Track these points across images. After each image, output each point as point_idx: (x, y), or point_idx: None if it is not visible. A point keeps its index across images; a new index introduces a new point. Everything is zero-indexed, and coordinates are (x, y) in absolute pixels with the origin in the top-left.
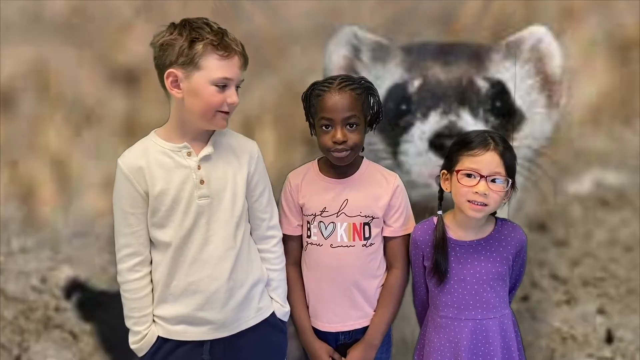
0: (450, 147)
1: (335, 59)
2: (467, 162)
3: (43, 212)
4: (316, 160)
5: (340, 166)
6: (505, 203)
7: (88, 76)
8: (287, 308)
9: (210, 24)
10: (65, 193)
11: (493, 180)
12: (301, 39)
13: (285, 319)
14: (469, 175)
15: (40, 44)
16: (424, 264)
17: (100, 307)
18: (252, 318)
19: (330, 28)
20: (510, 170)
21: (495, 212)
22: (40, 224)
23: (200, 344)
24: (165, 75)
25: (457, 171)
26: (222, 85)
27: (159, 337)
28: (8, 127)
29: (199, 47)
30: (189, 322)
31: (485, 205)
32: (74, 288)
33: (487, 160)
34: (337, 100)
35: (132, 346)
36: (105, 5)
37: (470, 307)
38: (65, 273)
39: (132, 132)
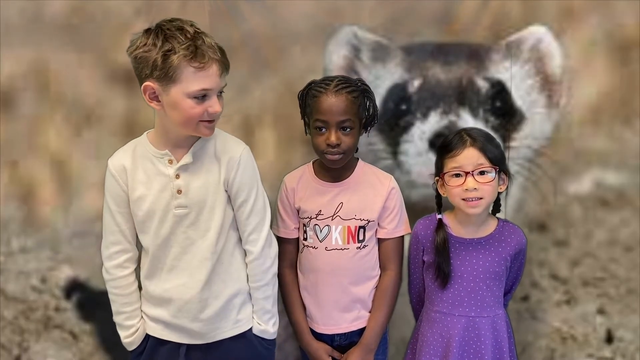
0: (436, 153)
1: (335, 59)
2: (450, 164)
3: (43, 212)
4: (311, 162)
5: (335, 169)
6: (502, 192)
7: (88, 76)
8: (264, 326)
9: (186, 29)
10: (65, 193)
11: (481, 173)
12: (301, 39)
13: (265, 336)
14: (456, 175)
15: (40, 44)
16: (423, 258)
17: (100, 307)
18: (229, 329)
19: (330, 28)
20: (495, 160)
21: (498, 211)
22: (40, 224)
23: (178, 345)
24: (142, 88)
25: (445, 174)
26: (202, 96)
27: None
28: (8, 127)
29: (174, 60)
30: (166, 326)
31: (481, 198)
32: (74, 288)
33: (468, 156)
34: (333, 103)
35: (124, 340)
36: (105, 5)
37: (464, 303)
38: (65, 273)
39: (132, 132)
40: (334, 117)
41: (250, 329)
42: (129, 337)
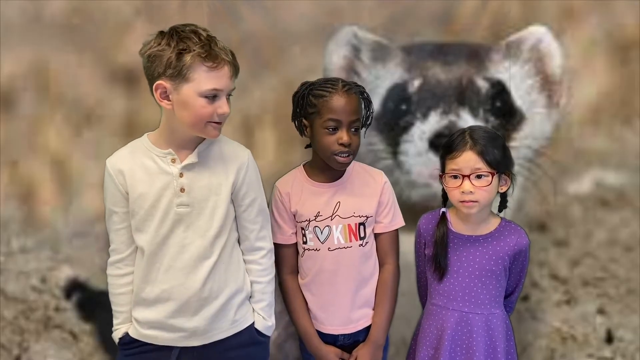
0: (441, 150)
1: (335, 59)
2: (450, 165)
3: (43, 212)
4: (301, 166)
5: (329, 169)
6: (506, 191)
7: (88, 76)
8: (271, 322)
9: (200, 32)
10: (65, 193)
11: (478, 177)
12: (301, 39)
13: (269, 333)
14: (454, 177)
15: (40, 44)
16: (425, 251)
17: (100, 307)
18: (225, 330)
19: (330, 28)
20: (495, 163)
21: (505, 207)
22: (40, 224)
23: (170, 347)
24: (154, 87)
25: (444, 175)
26: (212, 96)
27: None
28: (8, 127)
29: (187, 58)
30: (160, 328)
31: (476, 201)
32: (74, 288)
33: (466, 160)
34: (346, 102)
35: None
36: (105, 5)
37: (458, 298)
38: (65, 273)
39: (132, 132)
40: (348, 116)
41: (246, 329)
42: (113, 332)
